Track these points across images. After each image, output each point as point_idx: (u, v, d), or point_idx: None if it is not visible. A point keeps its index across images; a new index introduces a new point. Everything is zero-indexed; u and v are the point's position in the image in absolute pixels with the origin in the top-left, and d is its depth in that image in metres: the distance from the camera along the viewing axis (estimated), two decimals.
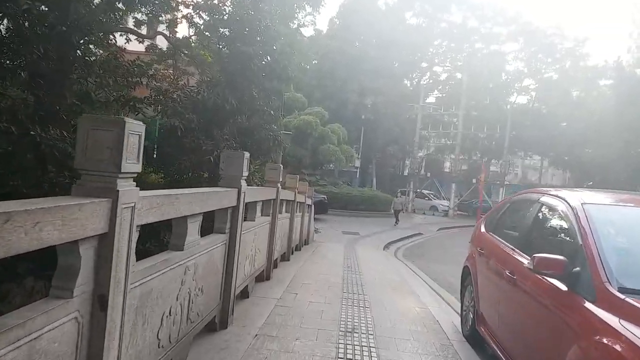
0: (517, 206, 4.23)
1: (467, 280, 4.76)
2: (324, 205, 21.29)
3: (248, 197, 4.20)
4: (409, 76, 46.73)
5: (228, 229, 3.77)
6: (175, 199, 2.51)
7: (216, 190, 3.32)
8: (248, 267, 4.69)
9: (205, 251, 3.17)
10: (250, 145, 11.29)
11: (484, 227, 4.70)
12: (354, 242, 14.81)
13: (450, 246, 17.02)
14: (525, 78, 43.60)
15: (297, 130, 26.51)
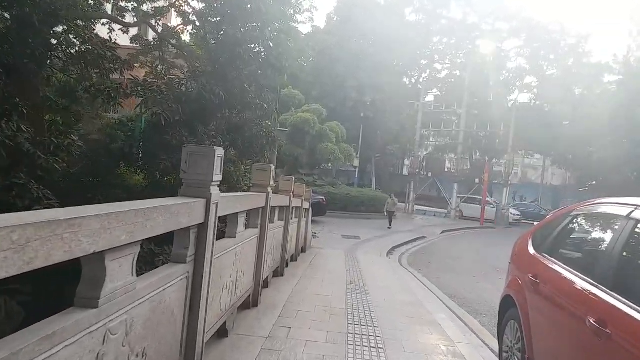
0: (586, 222, 3.16)
1: (510, 314, 3.68)
2: (322, 207, 20.19)
3: (224, 208, 3.11)
4: (408, 74, 45.71)
5: (192, 255, 2.68)
6: (69, 227, 1.42)
7: (167, 203, 2.23)
8: (227, 299, 3.60)
9: (145, 298, 2.08)
10: (242, 143, 10.21)
11: (532, 247, 3.62)
12: (355, 248, 13.73)
13: (458, 251, 15.97)
14: (527, 75, 42.55)
15: (294, 128, 25.41)
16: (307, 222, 10.85)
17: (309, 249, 11.84)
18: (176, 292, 2.49)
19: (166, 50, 13.20)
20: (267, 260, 5.38)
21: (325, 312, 4.84)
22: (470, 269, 12.19)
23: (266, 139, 10.11)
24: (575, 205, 3.49)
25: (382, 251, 13.68)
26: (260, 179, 4.78)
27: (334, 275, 7.44)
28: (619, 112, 26.63)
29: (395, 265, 10.54)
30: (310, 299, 5.41)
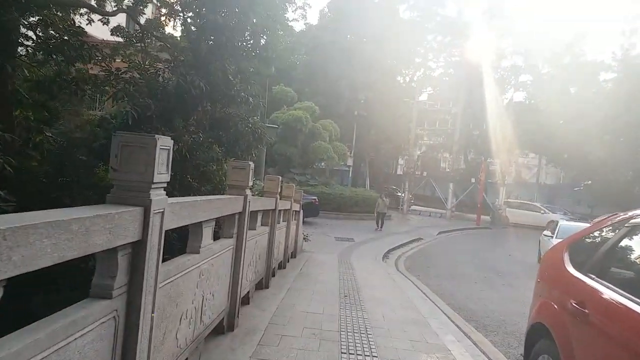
0: None
1: (542, 347, 2.94)
2: (314, 208, 19.43)
3: (176, 217, 2.35)
4: (402, 72, 45.05)
5: (122, 286, 1.93)
6: None
7: (63, 217, 1.46)
8: (187, 331, 2.84)
9: None
10: (226, 139, 9.43)
11: (571, 265, 2.89)
12: (349, 251, 12.99)
13: (456, 254, 15.29)
14: (523, 74, 42.06)
15: (286, 127, 24.64)
16: (297, 224, 10.10)
17: (300, 253, 11.10)
18: (95, 342, 1.72)
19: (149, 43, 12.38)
20: (247, 274, 4.62)
21: (315, 337, 4.09)
22: (471, 274, 11.49)
23: (252, 135, 9.34)
24: (629, 213, 2.76)
25: (378, 255, 12.95)
26: (237, 179, 4.02)
27: (326, 287, 6.69)
28: (617, 110, 26.14)
29: (392, 272, 9.81)
30: (298, 319, 4.66)
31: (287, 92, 27.23)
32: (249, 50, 9.00)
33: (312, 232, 16.97)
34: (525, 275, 12.17)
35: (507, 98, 43.29)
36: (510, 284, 10.45)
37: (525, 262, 14.68)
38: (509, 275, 11.85)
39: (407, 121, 36.35)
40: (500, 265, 13.76)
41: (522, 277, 11.79)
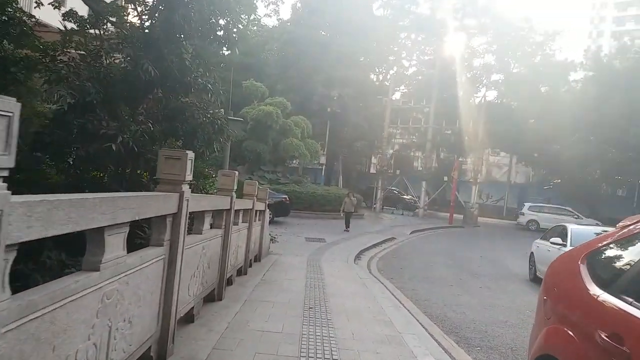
0: None
1: None
2: (284, 207, 18.66)
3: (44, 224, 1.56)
4: (376, 70, 44.69)
5: None
6: None
7: None
8: None
9: None
10: (183, 131, 8.56)
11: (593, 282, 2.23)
12: (319, 253, 12.27)
13: (430, 254, 14.79)
14: (495, 73, 42.26)
15: (256, 122, 23.73)
16: (263, 225, 9.31)
17: (266, 256, 10.31)
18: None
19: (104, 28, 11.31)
20: (189, 288, 3.83)
21: None
22: (446, 276, 10.95)
23: (212, 127, 8.49)
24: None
25: (350, 256, 12.28)
26: (171, 171, 3.21)
27: (290, 296, 5.94)
28: (587, 109, 26.33)
29: (364, 275, 9.14)
30: (250, 341, 3.89)
31: (257, 87, 26.31)
32: (207, 31, 8.13)
33: (282, 232, 16.22)
34: (500, 276, 11.73)
35: (479, 97, 43.54)
36: (487, 287, 9.95)
37: (499, 263, 14.31)
38: (484, 277, 11.37)
39: (381, 119, 35.95)
40: (475, 266, 13.32)
41: (497, 279, 11.34)
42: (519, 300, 8.42)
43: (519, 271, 13.03)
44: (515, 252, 17.62)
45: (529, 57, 40.09)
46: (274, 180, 23.27)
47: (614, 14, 79.99)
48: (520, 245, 20.23)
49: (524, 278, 11.78)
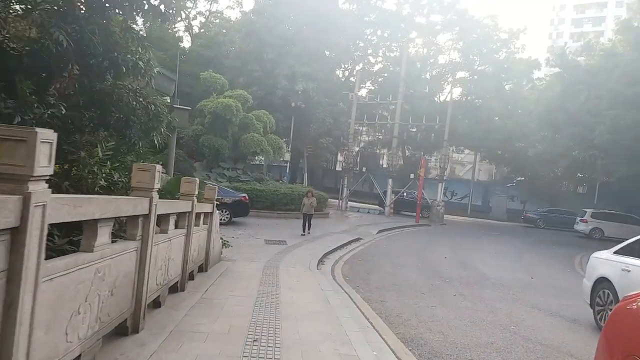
0: None
1: None
2: (243, 206, 17.36)
3: None
4: (342, 66, 43.81)
5: None
6: None
7: None
8: None
9: None
10: (116, 118, 7.24)
11: None
12: (279, 257, 11.10)
13: (398, 256, 13.88)
14: (461, 70, 42.21)
15: (214, 116, 22.26)
16: (210, 229, 8.05)
17: (217, 263, 9.06)
18: None
19: None
20: (67, 329, 2.60)
21: None
22: (417, 282, 10.03)
23: (146, 113, 7.18)
24: None
25: (312, 260, 11.17)
26: None
27: (232, 322, 4.75)
28: (553, 107, 26.25)
29: (327, 286, 8.04)
30: None
31: (216, 79, 24.79)
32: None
33: (240, 234, 14.95)
34: (473, 281, 10.92)
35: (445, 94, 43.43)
36: (462, 294, 9.07)
37: (469, 264, 13.55)
38: (456, 282, 10.53)
39: (347, 115, 35.04)
40: (445, 268, 12.50)
41: (471, 283, 10.52)
42: (499, 313, 7.55)
43: (489, 272, 12.30)
44: (483, 251, 17.02)
45: (494, 54, 40.21)
46: (233, 178, 21.90)
47: (573, 16, 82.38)
48: (486, 244, 19.74)
49: (495, 282, 11.01)
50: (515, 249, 19.02)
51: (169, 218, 4.98)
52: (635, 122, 19.79)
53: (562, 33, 78.41)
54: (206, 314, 4.96)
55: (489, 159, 45.17)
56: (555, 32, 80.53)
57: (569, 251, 19.72)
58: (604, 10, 79.97)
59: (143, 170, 4.00)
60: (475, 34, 39.79)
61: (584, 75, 24.62)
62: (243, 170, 23.05)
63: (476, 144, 39.42)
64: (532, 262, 15.53)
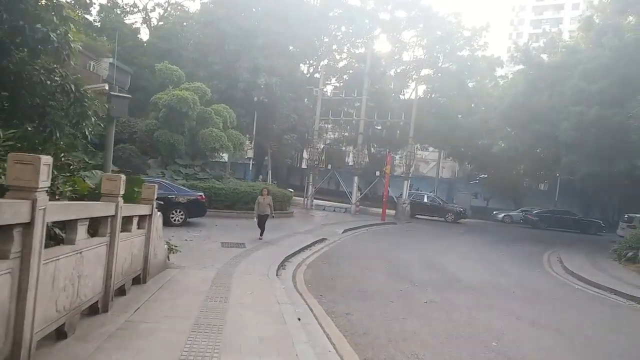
0: None
1: None
2: (200, 206, 16.16)
3: None
4: (307, 61, 42.83)
5: None
6: None
7: None
8: None
9: None
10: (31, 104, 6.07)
11: None
12: (234, 263, 10.05)
13: (364, 258, 13.08)
14: (425, 67, 42.03)
15: (169, 110, 20.82)
16: (150, 235, 6.94)
17: (162, 272, 7.95)
18: None
19: None
20: None
21: None
22: (386, 288, 9.24)
23: (66, 97, 6.01)
24: None
25: (272, 265, 10.19)
26: None
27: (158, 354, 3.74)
28: (517, 103, 26.19)
29: (285, 298, 7.06)
30: None
31: (172, 71, 23.31)
32: None
33: (195, 236, 13.78)
34: (444, 284, 10.23)
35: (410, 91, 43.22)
36: (434, 301, 8.33)
37: (438, 265, 12.92)
38: (427, 286, 9.81)
39: (312, 112, 34.14)
40: (414, 270, 11.80)
41: (442, 288, 9.82)
42: (476, 324, 6.82)
43: (460, 274, 11.68)
44: (450, 251, 16.51)
45: (457, 52, 40.23)
46: (190, 175, 20.57)
47: (532, 17, 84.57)
48: (452, 243, 19.31)
49: (467, 285, 10.38)
50: (482, 248, 18.65)
51: (77, 225, 3.89)
52: (599, 119, 19.78)
53: (521, 33, 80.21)
54: (125, 346, 3.91)
55: (453, 156, 45.35)
56: (515, 33, 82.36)
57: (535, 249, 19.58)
58: (560, 12, 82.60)
59: (22, 162, 2.92)
60: (439, 31, 39.66)
61: (548, 71, 24.64)
62: (201, 167, 21.73)
63: (441, 141, 39.39)
64: (499, 262, 15.11)
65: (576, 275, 13.11)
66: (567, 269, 14.25)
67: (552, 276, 13.40)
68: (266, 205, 13.95)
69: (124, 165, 19.55)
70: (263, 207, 13.96)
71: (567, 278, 13.13)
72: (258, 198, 14.12)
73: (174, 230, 14.39)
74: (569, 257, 16.82)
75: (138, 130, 22.62)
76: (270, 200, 14.08)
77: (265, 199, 13.97)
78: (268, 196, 14.12)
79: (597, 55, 21.03)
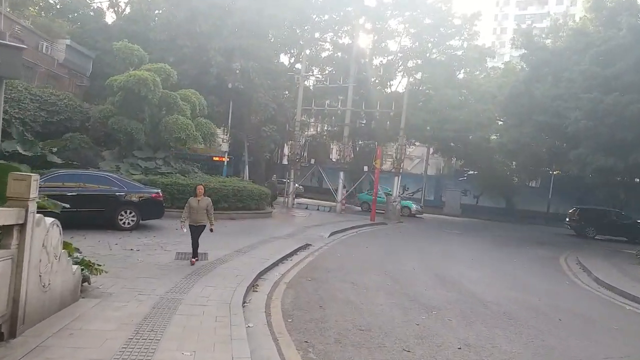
0: None
1: None
2: (156, 206, 13.29)
3: None
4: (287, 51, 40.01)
5: None
6: None
7: None
8: None
9: None
10: None
11: None
12: (186, 286, 7.31)
13: (357, 271, 10.43)
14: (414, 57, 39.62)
15: (126, 93, 17.82)
16: (22, 257, 4.16)
17: (59, 311, 5.17)
18: None
19: None
20: None
21: None
22: (394, 320, 6.68)
23: None
24: None
25: (239, 287, 7.51)
26: None
27: None
28: (518, 92, 23.98)
29: (246, 354, 4.41)
30: None
31: (133, 50, 20.19)
32: None
33: (145, 243, 10.96)
34: (470, 311, 7.66)
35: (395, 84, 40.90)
36: (469, 344, 5.78)
37: (450, 279, 10.38)
38: (447, 313, 7.31)
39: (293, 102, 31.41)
40: (422, 288, 9.27)
41: (467, 314, 7.29)
42: None
43: (480, 292, 9.18)
44: (455, 258, 14.03)
45: (447, 41, 37.97)
46: (151, 170, 17.62)
47: (516, 12, 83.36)
48: (453, 247, 16.83)
49: (497, 310, 7.86)
50: (488, 253, 16.27)
51: None
52: (615, 106, 17.57)
53: (505, 29, 78.98)
54: None
55: (441, 151, 43.15)
56: (500, 28, 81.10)
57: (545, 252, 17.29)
58: (545, 7, 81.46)
59: None
60: (428, 19, 37.35)
61: (553, 56, 22.45)
62: (165, 160, 18.79)
63: (429, 135, 37.09)
64: (516, 271, 12.70)
65: (616, 290, 10.76)
66: (598, 279, 11.91)
67: (586, 290, 11.02)
68: (201, 211, 9.30)
69: (71, 157, 16.53)
70: (196, 213, 9.26)
71: (604, 293, 10.78)
72: (190, 200, 9.43)
73: (120, 236, 11.54)
74: (591, 262, 14.55)
75: (92, 117, 19.53)
76: (207, 203, 9.42)
77: (201, 202, 9.33)
78: (204, 197, 9.48)
79: (612, 37, 18.85)
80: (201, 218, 9.33)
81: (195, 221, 9.32)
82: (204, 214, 9.35)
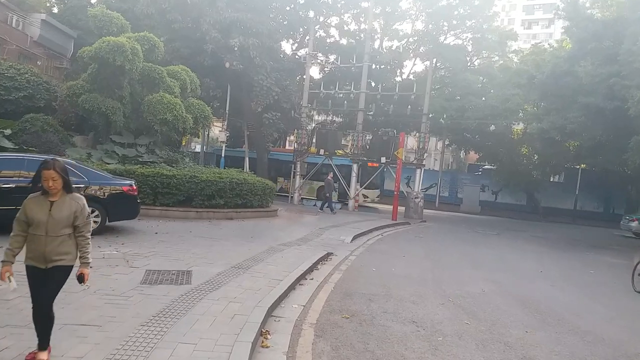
0: None
1: None
2: (128, 202, 9.97)
3: None
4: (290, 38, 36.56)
5: None
6: None
7: None
8: None
9: None
10: None
11: None
12: (143, 344, 4.03)
13: (409, 293, 7.16)
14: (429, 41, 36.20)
15: (99, 64, 14.50)
16: None
17: None
18: None
19: None
20: None
21: None
22: None
23: None
24: None
25: (239, 342, 4.28)
26: None
27: None
28: (560, 72, 20.72)
29: None
30: None
31: (111, 18, 16.82)
32: None
33: (105, 255, 7.65)
34: None
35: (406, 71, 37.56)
36: None
37: (540, 308, 7.03)
38: None
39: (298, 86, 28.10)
40: (517, 328, 6.02)
41: None
42: None
43: (592, 328, 5.92)
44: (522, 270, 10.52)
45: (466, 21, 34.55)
46: (131, 158, 14.32)
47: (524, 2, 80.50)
48: (504, 253, 13.21)
49: None
50: (551, 260, 13.04)
51: None
52: None
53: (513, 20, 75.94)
54: None
55: (457, 143, 39.91)
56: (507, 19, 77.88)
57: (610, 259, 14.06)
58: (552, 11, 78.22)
59: None
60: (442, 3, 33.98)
61: (603, 29, 19.15)
62: (148, 147, 15.49)
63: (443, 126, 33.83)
64: (602, 287, 9.46)
65: None
66: None
67: None
68: (59, 230, 3.60)
69: (29, 141, 13.26)
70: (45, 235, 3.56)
71: None
72: (26, 203, 3.59)
73: None
74: None
75: (59, 95, 16.22)
76: (75, 210, 3.65)
77: (58, 209, 3.60)
78: (71, 197, 3.68)
79: None
80: (57, 249, 3.59)
81: (44, 257, 3.57)
82: (65, 238, 3.63)
